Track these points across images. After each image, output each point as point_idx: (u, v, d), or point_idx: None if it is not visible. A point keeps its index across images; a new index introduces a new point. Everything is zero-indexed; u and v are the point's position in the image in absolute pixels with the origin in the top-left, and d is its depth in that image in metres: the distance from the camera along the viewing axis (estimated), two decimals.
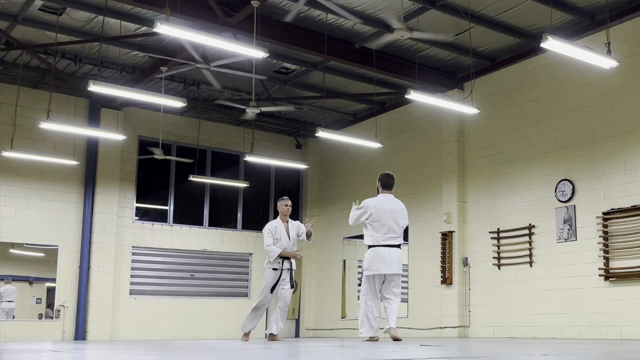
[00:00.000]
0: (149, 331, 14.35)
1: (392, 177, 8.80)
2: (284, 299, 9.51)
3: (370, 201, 8.61)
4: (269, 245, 9.42)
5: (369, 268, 8.49)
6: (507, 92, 12.47)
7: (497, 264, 12.22)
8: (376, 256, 8.44)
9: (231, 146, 15.94)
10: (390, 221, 8.51)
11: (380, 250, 8.44)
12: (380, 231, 8.47)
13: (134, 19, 11.18)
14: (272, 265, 9.46)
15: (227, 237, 15.62)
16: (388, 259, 8.42)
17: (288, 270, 9.51)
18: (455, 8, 10.35)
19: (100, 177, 14.08)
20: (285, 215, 9.65)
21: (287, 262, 9.50)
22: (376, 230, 8.48)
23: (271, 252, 9.40)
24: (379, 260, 8.43)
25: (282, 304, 9.54)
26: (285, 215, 9.65)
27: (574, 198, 11.17)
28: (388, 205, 8.57)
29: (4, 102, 13.22)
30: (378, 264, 8.43)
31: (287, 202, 9.72)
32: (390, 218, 8.51)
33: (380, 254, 8.43)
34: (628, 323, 10.17)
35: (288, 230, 9.58)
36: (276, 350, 6.01)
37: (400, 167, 14.54)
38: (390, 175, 8.78)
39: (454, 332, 12.55)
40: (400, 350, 5.34)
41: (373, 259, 8.46)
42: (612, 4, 10.32)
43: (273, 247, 9.40)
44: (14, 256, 13.76)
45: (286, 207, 9.66)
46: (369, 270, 8.49)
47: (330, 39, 11.61)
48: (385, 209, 8.53)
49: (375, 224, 8.49)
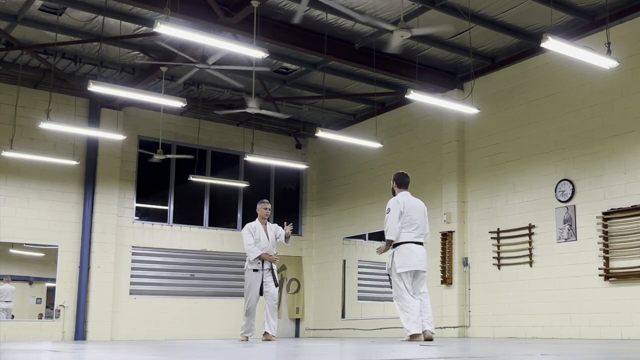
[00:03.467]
0: (148, 331, 14.34)
1: (407, 176, 8.65)
2: (272, 297, 9.72)
3: (394, 200, 8.42)
4: (250, 245, 9.64)
5: (403, 265, 8.25)
6: (507, 92, 12.47)
7: (497, 264, 12.22)
8: (410, 252, 8.28)
9: (231, 146, 15.94)
10: (419, 219, 8.40)
11: (412, 247, 8.31)
12: (409, 228, 8.34)
13: (134, 19, 11.18)
14: (252, 266, 9.71)
15: (227, 237, 15.61)
16: (421, 257, 8.33)
17: (269, 270, 9.73)
18: (455, 8, 10.35)
19: (100, 177, 14.08)
20: (263, 218, 9.94)
21: (267, 262, 9.73)
22: (406, 227, 8.33)
23: (251, 252, 9.63)
24: (412, 257, 8.28)
25: (270, 303, 9.74)
26: (264, 218, 9.94)
27: (574, 198, 11.17)
28: (414, 202, 8.47)
29: (4, 102, 13.21)
30: (412, 260, 8.27)
31: (267, 205, 10.03)
32: (418, 216, 8.41)
33: (413, 251, 8.29)
34: (628, 323, 10.17)
35: (267, 231, 9.86)
36: (276, 350, 6.01)
37: (400, 167, 14.50)
38: (405, 174, 8.64)
39: (454, 332, 12.55)
40: (400, 350, 5.34)
41: (407, 255, 8.27)
42: (612, 4, 10.32)
43: (254, 247, 9.64)
44: (14, 256, 13.75)
45: (265, 210, 9.95)
46: (403, 267, 8.25)
47: (330, 39, 11.61)
48: (413, 204, 8.41)
49: (406, 219, 8.33)
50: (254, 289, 9.67)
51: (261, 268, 9.68)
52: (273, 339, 9.59)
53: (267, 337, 9.61)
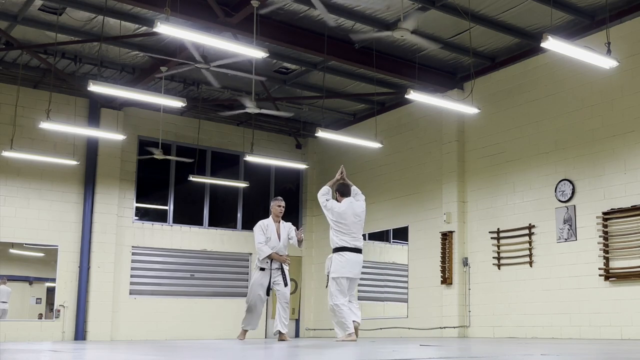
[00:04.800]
0: (148, 331, 14.34)
1: (347, 185, 9.11)
2: (282, 296, 9.44)
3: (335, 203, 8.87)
4: (261, 243, 9.35)
5: (339, 270, 8.60)
6: (507, 92, 12.47)
7: (497, 264, 12.21)
8: (346, 260, 8.61)
9: (231, 146, 15.94)
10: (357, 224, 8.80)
11: (349, 254, 8.65)
12: (346, 236, 8.69)
13: (134, 19, 11.18)
14: (260, 264, 9.43)
15: (226, 237, 15.62)
16: (358, 263, 8.72)
17: (278, 269, 9.45)
18: (455, 8, 10.35)
19: (100, 177, 14.08)
20: (277, 216, 9.59)
21: (275, 262, 9.44)
22: (342, 234, 8.69)
23: (261, 251, 9.34)
24: (347, 265, 8.60)
25: (281, 302, 9.47)
26: (277, 215, 9.59)
27: (574, 198, 11.17)
28: (352, 208, 8.80)
29: (4, 102, 13.21)
30: (348, 267, 8.61)
31: (281, 202, 9.64)
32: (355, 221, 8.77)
33: (349, 258, 8.62)
34: (628, 323, 10.17)
35: (279, 230, 9.52)
36: (276, 350, 6.01)
37: (400, 167, 14.55)
38: (344, 184, 9.11)
39: (454, 332, 12.55)
40: (400, 350, 5.34)
41: (344, 262, 8.60)
42: (612, 4, 10.32)
43: (264, 246, 9.34)
44: (14, 256, 13.75)
45: (279, 207, 9.59)
46: (338, 272, 8.62)
47: (330, 39, 11.61)
48: (350, 212, 8.76)
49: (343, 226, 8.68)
50: (255, 288, 9.42)
51: (269, 267, 9.39)
52: (287, 339, 9.44)
53: (282, 337, 9.34)
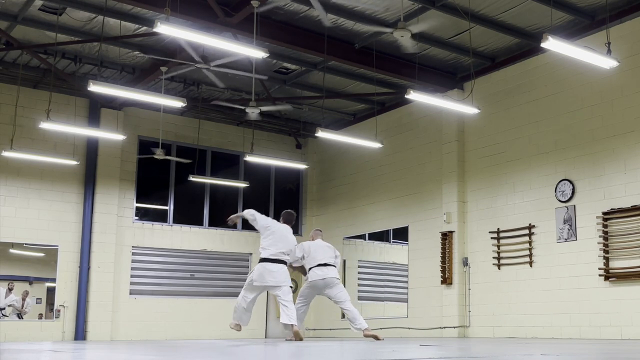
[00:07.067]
0: (149, 331, 14.34)
1: (291, 214, 9.76)
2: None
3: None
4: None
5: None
6: (507, 92, 12.47)
7: (497, 264, 12.21)
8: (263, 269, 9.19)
9: (231, 146, 15.94)
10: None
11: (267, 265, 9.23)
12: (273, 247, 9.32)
13: (134, 19, 11.18)
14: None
15: (227, 237, 15.62)
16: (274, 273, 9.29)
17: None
18: (455, 8, 10.35)
19: (100, 177, 14.08)
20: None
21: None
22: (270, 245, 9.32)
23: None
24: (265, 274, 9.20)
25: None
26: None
27: (574, 198, 11.17)
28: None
29: (4, 102, 13.21)
30: (264, 276, 9.21)
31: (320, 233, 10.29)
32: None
33: (266, 267, 9.18)
34: (628, 323, 10.17)
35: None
36: (276, 350, 6.01)
37: (400, 167, 14.55)
38: (288, 212, 9.76)
39: (454, 332, 12.55)
40: (400, 350, 5.34)
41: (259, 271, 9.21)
42: (612, 4, 10.32)
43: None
44: (14, 256, 13.75)
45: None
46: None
47: (330, 39, 11.61)
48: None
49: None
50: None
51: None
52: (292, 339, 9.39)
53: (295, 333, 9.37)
